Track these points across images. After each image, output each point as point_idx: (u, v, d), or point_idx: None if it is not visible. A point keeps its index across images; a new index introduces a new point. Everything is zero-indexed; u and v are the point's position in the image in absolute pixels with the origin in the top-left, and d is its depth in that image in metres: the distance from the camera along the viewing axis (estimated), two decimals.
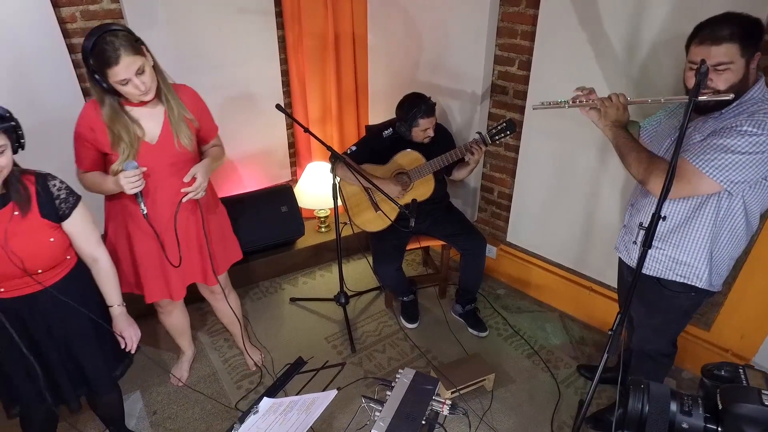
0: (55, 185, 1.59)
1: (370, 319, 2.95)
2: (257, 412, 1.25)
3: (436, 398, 1.40)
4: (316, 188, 3.23)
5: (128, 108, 1.82)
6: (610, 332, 1.62)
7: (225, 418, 2.34)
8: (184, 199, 1.92)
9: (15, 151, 1.46)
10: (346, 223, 2.71)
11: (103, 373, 1.83)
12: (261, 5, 2.98)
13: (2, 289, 1.53)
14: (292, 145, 3.53)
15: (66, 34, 2.54)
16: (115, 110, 1.77)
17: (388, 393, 1.40)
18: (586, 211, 2.60)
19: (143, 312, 2.97)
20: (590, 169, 2.48)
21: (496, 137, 2.49)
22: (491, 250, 3.15)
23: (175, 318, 2.39)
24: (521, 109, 2.71)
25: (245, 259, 2.83)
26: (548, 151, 2.63)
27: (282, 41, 3.19)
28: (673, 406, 0.80)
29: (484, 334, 2.79)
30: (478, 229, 2.83)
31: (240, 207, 2.94)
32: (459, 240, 2.72)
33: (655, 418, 0.79)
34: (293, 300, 3.10)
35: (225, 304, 2.36)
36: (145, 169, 1.79)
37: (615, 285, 2.64)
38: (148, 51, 1.78)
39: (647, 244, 1.41)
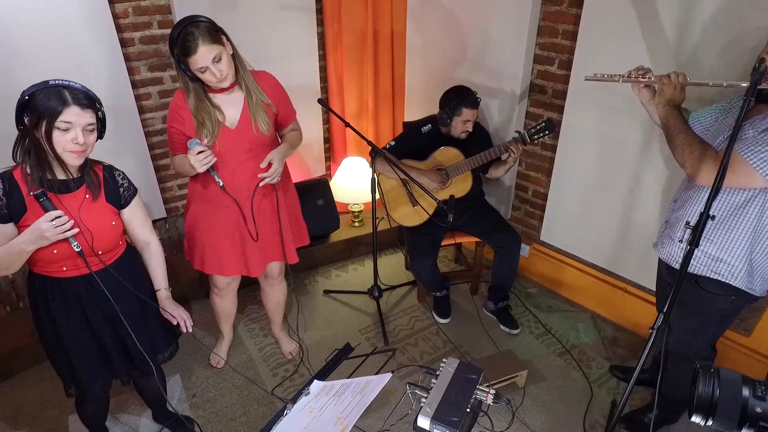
0: (120, 174, 1.71)
1: (403, 314, 2.99)
2: (308, 393, 1.30)
3: (480, 387, 1.43)
4: (351, 183, 3.29)
5: (211, 95, 1.94)
6: (651, 330, 1.62)
7: (262, 404, 2.41)
8: (261, 184, 2.02)
9: (99, 137, 1.56)
10: (382, 218, 2.75)
11: (149, 355, 1.87)
12: (302, 2, 3.05)
13: (64, 268, 1.61)
14: (327, 140, 3.59)
15: (119, 29, 2.64)
16: (199, 97, 1.90)
17: (433, 381, 1.44)
18: (624, 212, 2.59)
19: (182, 298, 3.08)
20: (630, 170, 2.47)
21: (535, 137, 2.51)
22: (524, 249, 3.16)
23: (228, 302, 2.48)
24: (560, 109, 2.71)
25: None
26: (588, 151, 2.63)
27: (321, 38, 3.25)
28: (746, 391, 0.81)
29: (515, 332, 2.81)
30: (513, 227, 2.84)
31: None
32: (494, 237, 2.74)
33: (728, 401, 0.80)
34: (327, 292, 3.16)
35: (277, 289, 2.47)
36: (204, 148, 1.87)
37: (651, 287, 2.64)
38: (228, 40, 1.88)
39: (695, 242, 1.41)
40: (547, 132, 2.49)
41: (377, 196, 2.65)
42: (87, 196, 1.58)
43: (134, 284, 1.77)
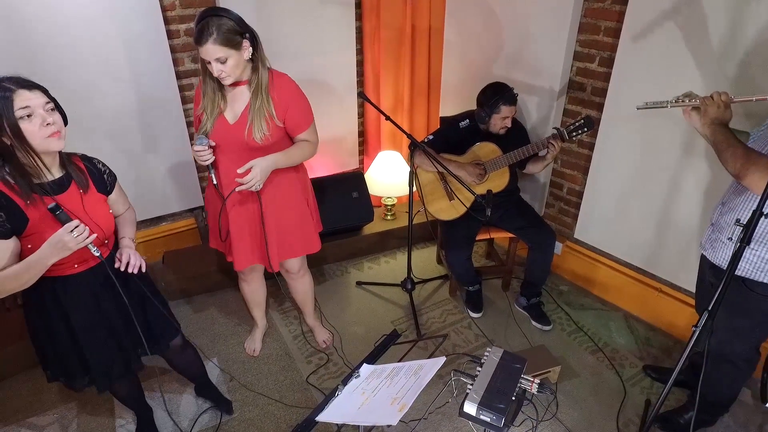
0: (99, 162, 1.70)
1: (435, 306, 3.02)
2: (359, 376, 1.34)
3: (525, 377, 1.45)
4: (385, 176, 3.32)
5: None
6: (694, 328, 1.62)
7: (297, 390, 2.46)
8: (236, 189, 1.96)
9: (64, 120, 1.52)
10: (419, 211, 2.77)
11: (167, 320, 1.93)
12: None
13: (76, 266, 1.62)
14: (361, 134, 3.63)
15: (166, 21, 2.72)
16: (211, 80, 1.91)
17: (478, 369, 1.47)
18: (662, 212, 2.57)
19: (220, 285, 3.16)
20: (671, 169, 2.45)
21: (573, 134, 2.51)
22: (557, 247, 3.15)
23: (254, 288, 2.54)
24: (599, 106, 2.70)
25: None
26: (627, 149, 2.61)
27: (359, 32, 3.29)
28: None
29: (548, 328, 2.81)
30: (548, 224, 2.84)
31: (314, 190, 3.05)
32: (529, 233, 2.74)
33: None
34: (359, 284, 3.20)
35: (299, 283, 2.49)
36: (213, 143, 1.93)
37: (687, 287, 2.62)
38: (253, 43, 1.86)
39: (746, 240, 1.41)
40: (585, 129, 2.49)
41: (414, 189, 2.68)
42: (80, 191, 1.58)
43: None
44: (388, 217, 3.54)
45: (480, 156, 2.68)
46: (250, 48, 1.86)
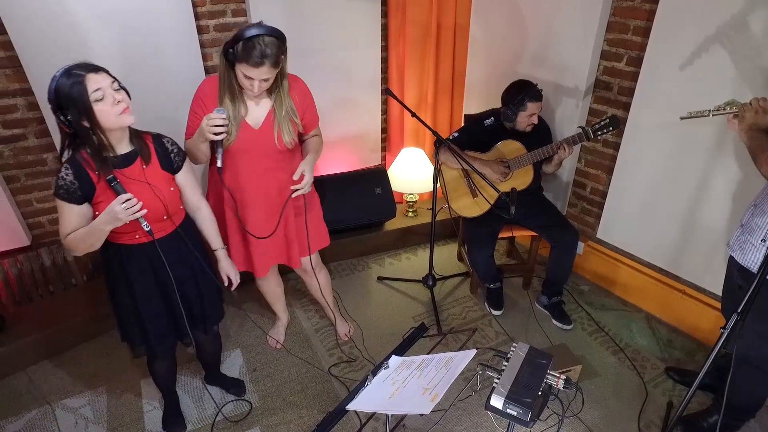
0: (168, 141, 1.79)
1: (455, 303, 3.04)
2: (388, 367, 1.36)
3: (551, 372, 1.47)
4: (408, 173, 3.34)
5: (239, 88, 1.95)
6: (723, 330, 1.62)
7: (319, 381, 2.50)
8: (293, 195, 2.03)
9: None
10: (442, 208, 2.79)
11: (217, 305, 2.07)
12: None
13: (137, 236, 1.72)
14: (384, 130, 3.65)
15: (196, 17, 2.76)
16: (230, 85, 1.89)
17: (505, 363, 1.49)
18: (689, 212, 2.55)
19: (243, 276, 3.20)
20: (700, 169, 2.43)
21: (599, 132, 2.50)
22: (579, 246, 3.15)
23: (269, 285, 2.58)
24: (625, 106, 2.68)
25: (337, 235, 2.97)
26: (654, 149, 2.59)
27: (384, 29, 3.30)
28: None
29: (568, 327, 2.81)
30: (571, 223, 2.84)
31: (337, 185, 3.09)
32: (552, 232, 2.74)
33: None
34: (381, 279, 3.23)
35: (315, 280, 2.50)
36: (224, 117, 1.83)
37: (712, 289, 2.60)
38: (285, 59, 1.88)
39: None
40: (611, 128, 2.48)
41: (437, 186, 2.69)
42: (144, 166, 1.68)
43: (195, 246, 1.90)
44: (410, 214, 3.56)
45: (504, 154, 2.68)
46: (284, 62, 1.89)
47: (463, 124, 3.01)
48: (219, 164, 1.90)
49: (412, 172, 3.33)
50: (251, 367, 2.60)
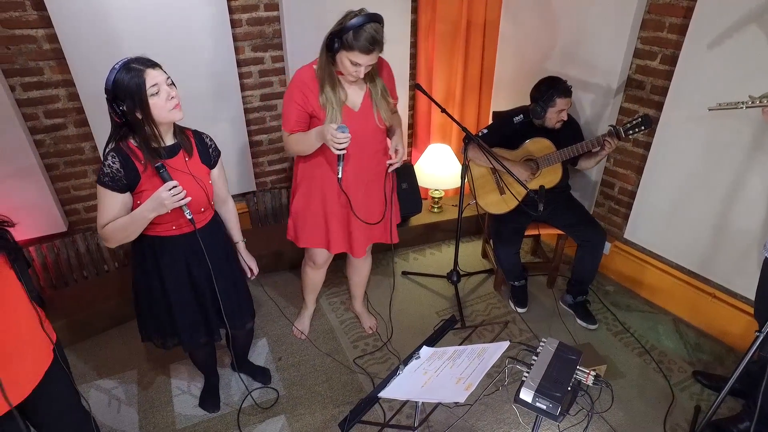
0: (206, 137, 1.86)
1: (479, 300, 3.04)
2: (419, 357, 1.38)
3: (581, 368, 1.47)
4: (435, 169, 3.35)
5: (338, 75, 2.01)
6: (758, 333, 1.60)
7: (343, 372, 2.53)
8: (390, 170, 2.16)
9: None
10: (469, 204, 2.79)
11: (249, 300, 2.13)
12: None
13: (174, 227, 1.77)
14: (410, 125, 3.66)
15: (230, 10, 2.81)
16: (331, 74, 1.96)
17: (534, 358, 1.49)
18: (722, 215, 2.50)
19: (268, 268, 3.25)
20: (735, 169, 2.38)
21: (630, 132, 2.47)
22: (605, 246, 3.11)
23: (321, 275, 2.62)
24: (657, 105, 2.65)
25: None
26: (687, 149, 2.55)
27: (414, 25, 3.31)
28: None
29: (593, 327, 2.79)
30: (598, 222, 2.82)
31: None
32: (579, 231, 2.73)
33: None
34: (405, 273, 3.25)
35: (365, 263, 2.57)
36: (350, 137, 1.90)
37: (743, 293, 2.55)
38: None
39: None
40: (643, 128, 2.45)
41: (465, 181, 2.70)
42: (187, 158, 1.74)
43: (224, 245, 1.97)
44: (435, 210, 3.57)
45: (533, 151, 2.67)
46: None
47: (491, 121, 3.00)
48: (340, 175, 2.00)
49: (438, 168, 3.34)
50: (277, 356, 2.64)
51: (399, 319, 2.88)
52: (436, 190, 3.52)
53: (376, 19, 1.83)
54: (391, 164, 2.14)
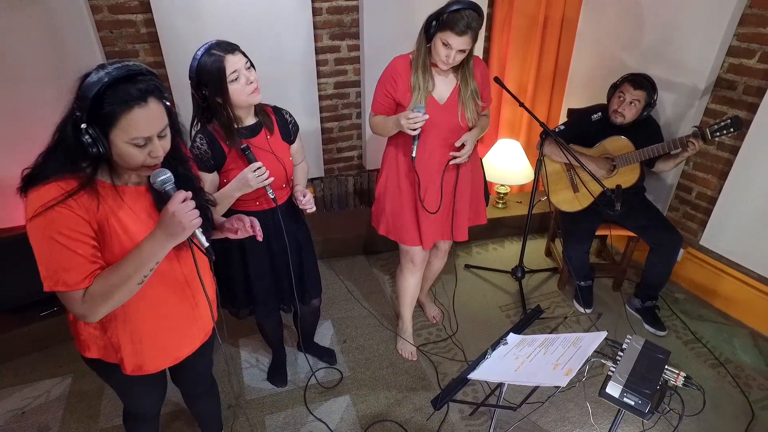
0: (286, 113, 1.92)
1: (543, 298, 3.00)
2: (506, 343, 1.39)
3: (669, 368, 1.44)
4: (503, 164, 3.32)
5: (431, 66, 2.03)
6: None
7: (406, 359, 2.56)
8: (450, 162, 2.11)
9: None
10: (540, 200, 2.76)
11: (317, 278, 2.18)
12: None
13: (258, 203, 1.85)
14: None
15: None
16: (425, 62, 1.98)
17: (620, 354, 1.47)
18: None
19: (336, 252, 3.32)
20: None
21: (717, 134, 2.37)
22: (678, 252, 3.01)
23: (416, 280, 2.47)
24: (750, 107, 2.53)
25: None
26: None
27: (489, 19, 3.28)
28: None
29: (662, 334, 2.71)
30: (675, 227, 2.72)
31: None
32: (653, 234, 2.65)
33: None
34: (468, 267, 3.25)
35: (440, 261, 2.56)
36: (428, 117, 1.92)
37: None
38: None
39: None
40: (732, 130, 2.34)
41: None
42: (268, 136, 1.80)
43: (301, 223, 2.03)
44: (500, 206, 3.55)
45: (610, 150, 2.61)
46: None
47: (567, 118, 2.95)
48: (414, 154, 2.01)
49: (506, 163, 3.31)
50: (342, 338, 2.70)
51: (462, 312, 2.88)
52: (502, 185, 3.49)
53: (475, 8, 1.84)
54: (454, 157, 2.10)
